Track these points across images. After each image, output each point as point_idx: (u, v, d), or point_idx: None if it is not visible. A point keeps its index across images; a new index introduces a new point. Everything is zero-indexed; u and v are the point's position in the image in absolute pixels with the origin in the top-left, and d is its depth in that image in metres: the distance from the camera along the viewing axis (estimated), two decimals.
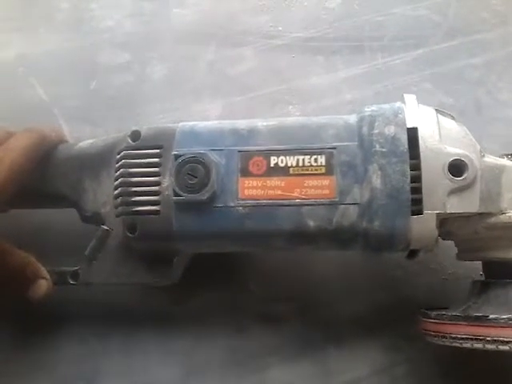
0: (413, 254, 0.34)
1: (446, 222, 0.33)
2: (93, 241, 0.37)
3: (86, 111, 0.49)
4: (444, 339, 0.32)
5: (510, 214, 0.32)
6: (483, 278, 0.35)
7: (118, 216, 0.36)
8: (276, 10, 0.55)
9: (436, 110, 0.34)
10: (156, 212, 0.34)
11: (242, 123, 0.36)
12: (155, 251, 0.36)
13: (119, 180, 0.35)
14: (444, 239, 0.37)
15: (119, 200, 0.35)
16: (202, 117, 0.48)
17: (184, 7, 0.54)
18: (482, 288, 0.34)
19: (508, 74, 0.50)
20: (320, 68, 0.51)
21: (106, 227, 0.37)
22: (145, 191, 0.35)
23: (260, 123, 0.35)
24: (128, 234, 0.35)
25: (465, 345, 0.31)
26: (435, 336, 0.33)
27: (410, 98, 0.34)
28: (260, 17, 0.54)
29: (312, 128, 0.35)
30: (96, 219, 0.38)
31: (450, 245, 0.37)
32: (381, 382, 0.38)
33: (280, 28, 0.54)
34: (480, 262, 0.35)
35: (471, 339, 0.30)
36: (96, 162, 0.38)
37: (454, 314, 0.32)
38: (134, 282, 0.37)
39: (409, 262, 0.39)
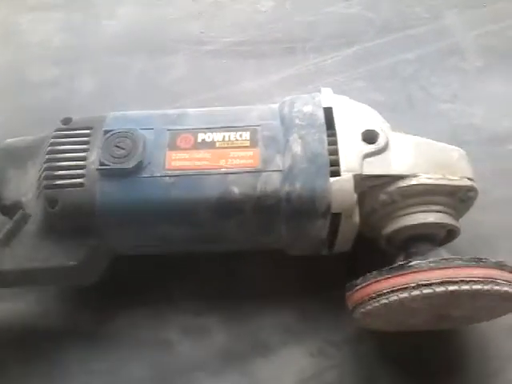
0: (332, 237, 0.35)
1: (364, 195, 0.35)
2: (8, 225, 0.35)
3: (14, 127, 0.48)
4: (371, 301, 0.31)
5: (420, 177, 0.34)
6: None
7: (40, 189, 0.35)
8: (208, 16, 0.55)
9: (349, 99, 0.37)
10: (80, 184, 0.34)
11: (172, 111, 0.38)
12: (75, 230, 0.35)
13: (47, 157, 0.35)
14: (370, 232, 0.36)
15: (43, 175, 0.35)
16: None
17: (114, 18, 0.54)
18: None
19: (441, 69, 0.50)
20: (251, 72, 0.50)
21: (24, 211, 0.36)
22: (70, 165, 0.35)
23: (190, 110, 0.37)
24: (49, 208, 0.34)
25: (392, 299, 0.30)
26: (362, 303, 0.32)
27: (326, 90, 0.38)
28: (192, 23, 0.54)
29: (238, 112, 0.37)
30: (14, 208, 0.36)
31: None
32: None
33: (212, 34, 0.53)
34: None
35: (396, 290, 0.30)
36: (23, 153, 0.38)
37: (377, 271, 0.32)
38: (49, 267, 0.35)
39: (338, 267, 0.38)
